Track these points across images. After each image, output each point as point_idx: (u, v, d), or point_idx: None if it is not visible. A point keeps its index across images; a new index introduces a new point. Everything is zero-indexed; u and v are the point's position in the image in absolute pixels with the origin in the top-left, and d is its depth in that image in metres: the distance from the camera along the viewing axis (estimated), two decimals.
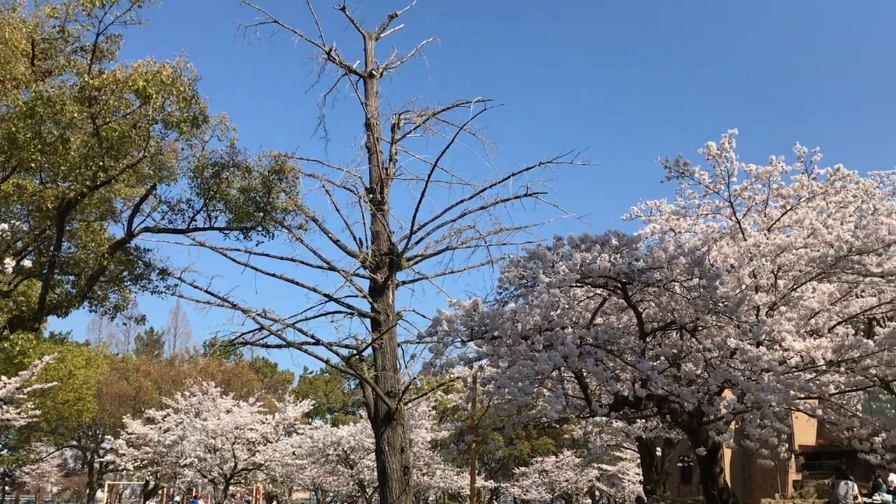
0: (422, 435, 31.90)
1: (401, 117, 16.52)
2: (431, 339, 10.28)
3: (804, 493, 31.66)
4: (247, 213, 13.78)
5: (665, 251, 9.73)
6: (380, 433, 14.74)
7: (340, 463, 33.83)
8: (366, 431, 30.26)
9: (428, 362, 10.26)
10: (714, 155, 13.69)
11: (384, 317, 15.19)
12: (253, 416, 33.14)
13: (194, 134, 12.99)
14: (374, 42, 17.31)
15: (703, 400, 10.48)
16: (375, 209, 15.53)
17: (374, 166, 16.10)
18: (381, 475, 14.61)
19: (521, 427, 15.00)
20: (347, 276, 15.08)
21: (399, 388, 15.06)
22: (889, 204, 15.41)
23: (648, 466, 27.07)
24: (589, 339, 10.06)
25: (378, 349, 15.05)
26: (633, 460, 38.17)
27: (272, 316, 14.62)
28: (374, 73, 16.88)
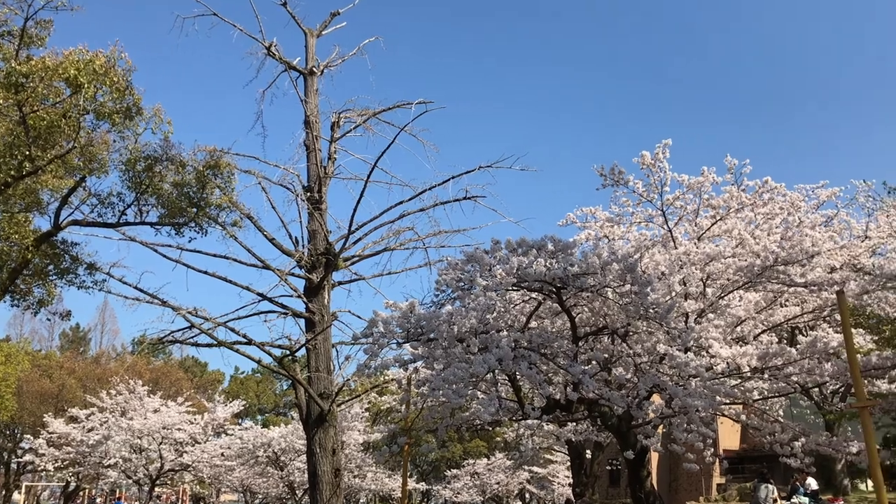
0: (354, 437, 31.71)
1: (341, 116, 16.41)
2: (367, 341, 10.24)
3: (727, 496, 32.56)
4: (180, 208, 13.48)
5: (599, 257, 9.89)
6: (311, 435, 14.59)
7: (270, 464, 33.36)
8: (297, 433, 29.92)
9: (363, 364, 10.21)
10: (648, 164, 14.00)
11: (319, 317, 15.05)
12: (181, 415, 32.44)
13: (127, 126, 12.64)
14: (316, 39, 17.16)
15: (633, 404, 10.67)
16: (313, 208, 15.38)
17: (313, 164, 15.94)
18: (312, 477, 14.46)
19: (455, 429, 15.04)
20: (282, 276, 14.89)
21: (332, 389, 14.93)
22: (813, 217, 16.00)
23: (578, 469, 27.44)
24: (523, 342, 10.16)
25: (312, 350, 14.90)
26: (564, 463, 38.67)
27: (203, 314, 14.33)
28: (314, 70, 16.72)
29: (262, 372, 65.13)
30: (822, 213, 17.53)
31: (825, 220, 17.49)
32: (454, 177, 14.45)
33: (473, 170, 14.34)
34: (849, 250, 15.13)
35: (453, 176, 14.46)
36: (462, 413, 14.91)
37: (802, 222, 15.14)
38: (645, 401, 11.02)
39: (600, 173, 14.45)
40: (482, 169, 14.38)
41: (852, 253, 15.05)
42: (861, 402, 7.57)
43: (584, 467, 27.45)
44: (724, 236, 14.40)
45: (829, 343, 11.31)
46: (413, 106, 15.17)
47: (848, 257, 14.86)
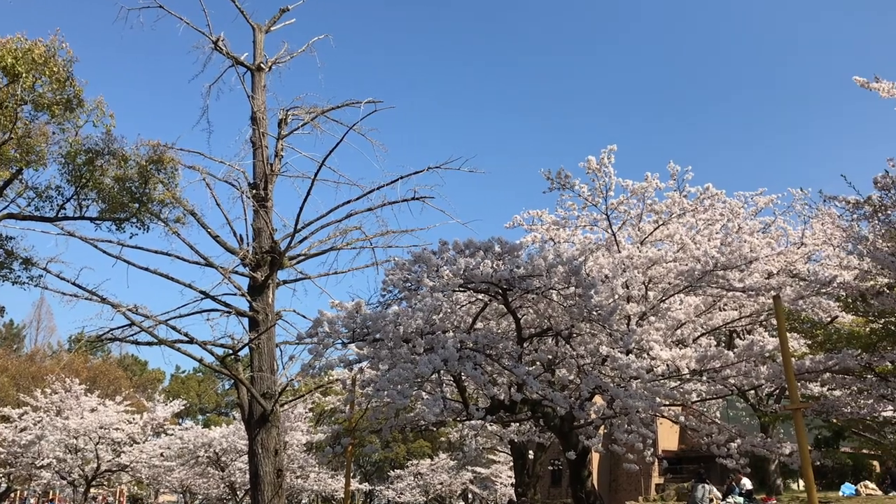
0: (297, 437, 31.42)
1: (289, 113, 16.25)
2: (311, 341, 10.16)
3: (665, 496, 33.18)
4: (121, 203, 13.18)
5: (545, 260, 10.00)
6: (253, 435, 14.41)
7: (211, 465, 32.83)
8: (239, 433, 29.50)
9: (307, 364, 10.15)
10: (594, 169, 14.19)
11: (263, 316, 14.87)
12: (119, 415, 31.69)
13: (67, 118, 12.32)
14: (264, 35, 16.96)
15: (575, 405, 10.81)
16: (258, 205, 15.19)
17: (259, 161, 15.75)
18: (254, 478, 14.28)
19: (399, 430, 15.02)
20: (226, 273, 14.67)
21: (275, 389, 14.77)
22: (752, 223, 16.42)
23: (520, 469, 27.66)
24: (469, 343, 10.21)
25: (255, 349, 14.72)
26: (506, 463, 38.93)
27: (144, 311, 14.03)
28: (262, 66, 16.53)
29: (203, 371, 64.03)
30: (760, 220, 18.01)
31: (763, 226, 17.97)
32: (403, 177, 14.44)
33: (422, 170, 14.36)
34: (785, 256, 15.56)
35: (402, 176, 14.45)
36: (407, 413, 14.91)
37: (741, 228, 15.53)
38: (587, 402, 11.17)
39: (547, 177, 14.61)
40: (431, 170, 14.41)
41: (788, 259, 15.49)
42: (794, 405, 7.80)
43: (527, 467, 27.67)
44: (667, 241, 14.69)
45: (765, 346, 11.62)
46: (362, 105, 15.10)
47: (784, 263, 15.29)
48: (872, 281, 13.79)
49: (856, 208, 12.59)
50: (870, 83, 11.90)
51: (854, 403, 14.55)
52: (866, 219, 12.82)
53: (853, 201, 12.59)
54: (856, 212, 12.75)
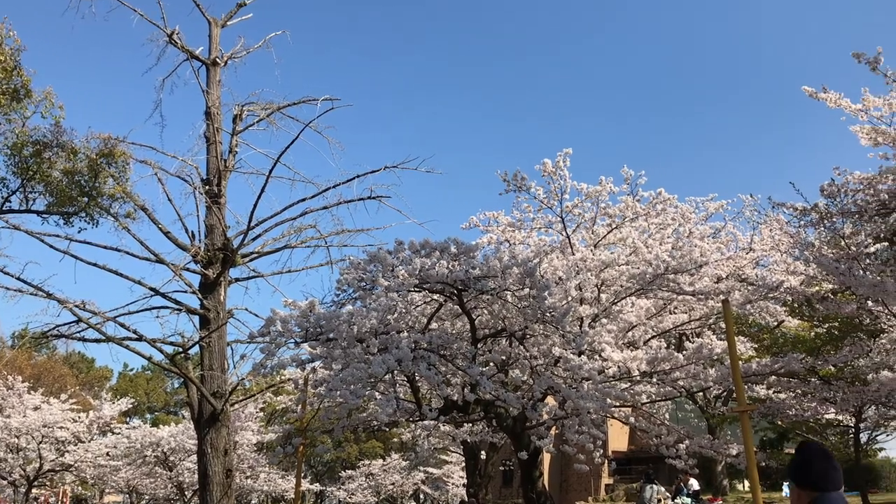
0: (248, 437, 31.04)
1: (244, 109, 16.03)
2: (263, 340, 10.05)
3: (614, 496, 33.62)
4: (69, 197, 12.85)
5: (500, 261, 10.05)
6: (203, 434, 14.19)
7: (159, 465, 32.26)
8: (188, 432, 29.04)
9: (258, 363, 10.01)
10: (549, 172, 14.31)
11: (214, 314, 14.65)
12: (64, 413, 30.91)
13: (14, 108, 11.96)
14: (220, 29, 16.71)
15: (528, 405, 10.87)
16: (211, 201, 14.96)
17: (213, 157, 15.50)
18: (203, 478, 14.06)
19: (351, 430, 14.94)
20: (177, 270, 14.41)
21: (226, 388, 14.57)
22: (702, 228, 16.73)
23: (472, 470, 27.72)
24: (423, 343, 10.20)
25: (206, 347, 14.48)
26: (458, 464, 39.00)
27: (92, 308, 13.70)
28: (217, 60, 16.28)
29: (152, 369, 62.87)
30: (710, 225, 18.36)
31: (713, 231, 18.32)
32: (359, 176, 14.35)
33: (379, 169, 14.28)
34: (734, 261, 15.88)
35: (358, 175, 14.36)
36: (359, 414, 14.84)
37: (692, 233, 15.82)
38: (539, 402, 11.25)
39: (504, 179, 14.68)
40: (388, 169, 14.34)
41: (737, 264, 15.80)
42: (741, 407, 7.95)
43: (479, 468, 27.75)
44: (619, 244, 14.87)
45: (714, 349, 11.82)
46: (319, 102, 14.98)
47: (733, 268, 15.60)
48: (818, 286, 14.15)
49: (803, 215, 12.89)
50: (818, 93, 12.20)
51: (798, 406, 14.93)
52: (813, 225, 13.13)
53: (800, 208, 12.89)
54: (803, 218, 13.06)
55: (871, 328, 13.19)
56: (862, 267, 11.38)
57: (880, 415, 15.63)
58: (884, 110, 11.75)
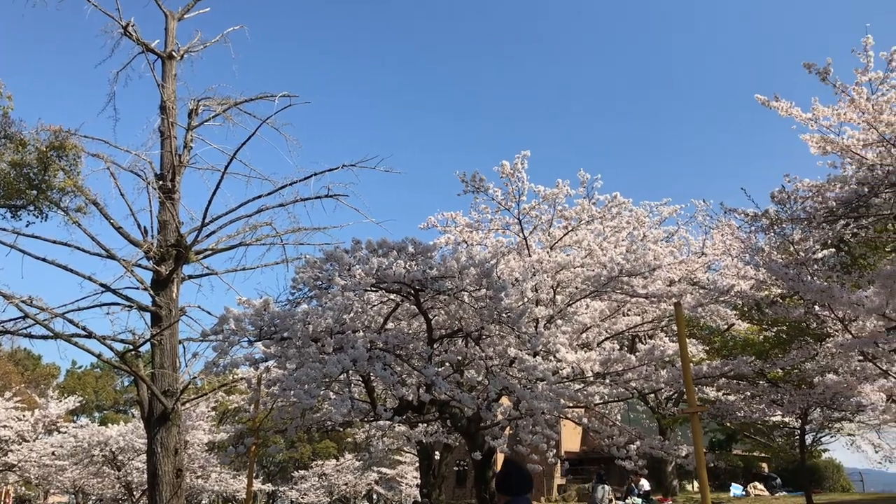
0: (199, 436, 30.57)
1: (200, 103, 15.80)
2: (216, 338, 9.89)
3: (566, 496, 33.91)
4: (18, 189, 12.54)
5: (457, 261, 10.05)
6: (153, 434, 13.95)
7: (107, 464, 31.58)
8: (138, 431, 28.51)
9: (211, 361, 9.85)
10: (507, 174, 14.37)
11: (166, 311, 14.41)
12: (8, 412, 30.11)
13: None
14: (177, 22, 16.46)
15: (482, 406, 10.90)
16: (165, 197, 14.70)
17: (167, 152, 15.25)
18: (152, 478, 13.82)
19: (304, 430, 14.81)
20: (128, 266, 14.14)
21: (177, 387, 14.34)
22: (656, 232, 16.97)
23: (426, 470, 27.71)
24: (379, 343, 10.17)
25: (157, 345, 14.24)
26: (412, 464, 38.96)
27: (40, 303, 13.36)
28: (173, 54, 16.02)
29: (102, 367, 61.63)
30: (664, 229, 18.66)
31: (667, 235, 18.62)
32: (317, 174, 14.23)
33: (337, 168, 14.18)
34: (687, 265, 16.13)
35: (316, 173, 14.24)
36: (313, 414, 14.72)
37: (646, 237, 16.04)
38: (494, 403, 11.28)
39: (462, 179, 14.71)
40: (346, 167, 14.25)
41: (690, 268, 16.06)
42: (692, 408, 8.08)
43: (433, 468, 27.74)
44: (575, 246, 15.01)
45: (666, 351, 12.00)
46: (277, 99, 14.82)
47: (686, 272, 15.85)
48: (767, 291, 14.46)
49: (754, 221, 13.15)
50: (770, 101, 12.46)
51: (747, 407, 15.23)
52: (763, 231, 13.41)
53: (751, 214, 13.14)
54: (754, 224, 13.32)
55: (817, 332, 13.51)
56: (810, 272, 11.66)
57: (825, 417, 16.04)
58: (833, 120, 12.05)
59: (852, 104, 11.70)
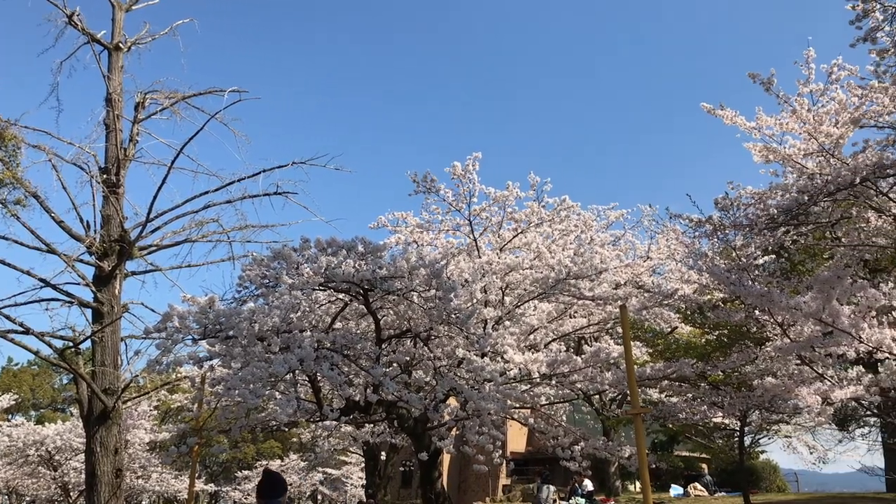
0: (140, 436, 29.95)
1: (147, 96, 15.48)
2: (159, 336, 9.71)
3: (511, 496, 34.12)
4: None
5: (407, 261, 10.05)
6: (92, 433, 13.62)
7: (43, 464, 30.74)
8: (76, 430, 27.82)
9: (154, 359, 9.65)
10: (459, 175, 14.44)
11: (108, 308, 14.09)
12: None
13: None
14: (125, 13, 16.10)
15: (430, 406, 10.91)
16: (108, 191, 14.37)
17: (112, 145, 14.90)
18: (90, 478, 13.49)
19: (249, 430, 14.63)
20: (69, 261, 13.78)
21: (119, 385, 14.02)
22: (603, 235, 17.21)
23: (372, 470, 27.65)
24: (327, 343, 10.10)
25: (98, 342, 13.91)
26: (358, 464, 38.79)
27: None
28: (120, 45, 15.68)
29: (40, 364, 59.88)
30: (611, 233, 18.92)
31: (613, 239, 18.88)
32: (266, 170, 14.06)
33: (286, 165, 14.04)
34: (632, 269, 16.40)
35: (265, 169, 14.07)
36: (258, 413, 14.56)
37: (593, 240, 16.25)
38: (441, 403, 11.31)
39: (413, 179, 14.72)
40: (295, 165, 14.11)
41: (635, 271, 16.33)
42: (635, 410, 8.21)
43: (379, 469, 27.70)
44: (524, 248, 15.14)
45: (611, 353, 12.16)
46: (226, 94, 14.61)
47: (631, 275, 16.10)
48: (709, 295, 14.78)
49: (698, 226, 13.42)
50: (715, 110, 12.74)
51: (688, 409, 15.51)
52: (707, 237, 13.69)
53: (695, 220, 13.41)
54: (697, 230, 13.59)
55: (757, 336, 13.84)
56: (751, 277, 11.95)
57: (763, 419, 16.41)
58: (775, 129, 12.38)
59: (794, 114, 12.04)
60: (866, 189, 11.17)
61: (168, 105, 15.53)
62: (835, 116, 11.85)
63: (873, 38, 9.15)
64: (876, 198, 11.54)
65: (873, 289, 7.47)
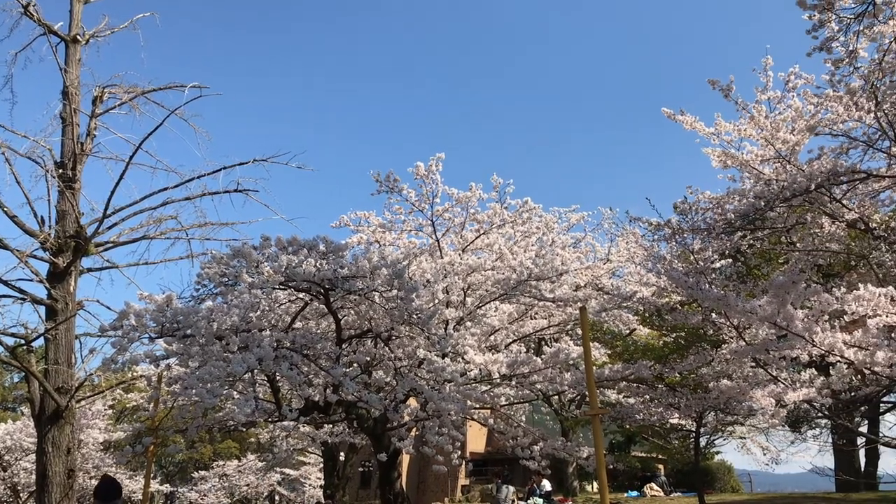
0: (94, 435, 29.40)
1: (105, 90, 15.19)
2: (115, 334, 9.55)
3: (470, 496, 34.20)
4: None
5: (369, 261, 10.01)
6: (44, 432, 13.32)
7: None
8: (27, 430, 27.19)
9: (109, 358, 9.48)
10: (422, 175, 14.44)
11: (62, 305, 13.79)
12: None
13: None
14: (83, 5, 15.78)
15: (390, 407, 10.89)
16: (64, 186, 14.08)
17: (69, 139, 14.60)
18: (41, 478, 13.20)
19: (206, 430, 14.46)
20: (22, 257, 13.46)
21: (72, 384, 13.75)
22: (564, 238, 17.34)
23: (331, 471, 27.49)
24: (286, 342, 10.02)
25: (51, 340, 13.61)
26: (316, 465, 38.54)
27: None
28: (78, 38, 15.37)
29: None
30: (571, 235, 19.08)
31: (574, 241, 19.04)
32: (226, 167, 13.89)
33: (247, 162, 13.88)
34: (592, 271, 16.55)
35: (225, 166, 13.90)
36: (215, 413, 14.40)
37: (555, 242, 16.37)
38: (401, 404, 11.29)
39: (376, 179, 14.68)
40: (257, 162, 13.96)
41: (595, 273, 16.48)
42: (594, 410, 8.29)
43: (337, 469, 27.55)
44: (486, 250, 15.19)
45: (570, 354, 12.26)
46: (187, 89, 14.40)
47: (591, 277, 16.25)
48: (667, 298, 14.97)
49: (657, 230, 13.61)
50: (675, 115, 12.92)
51: (646, 411, 15.70)
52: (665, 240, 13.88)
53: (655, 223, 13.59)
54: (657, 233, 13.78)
55: (714, 339, 14.07)
56: (708, 281, 12.15)
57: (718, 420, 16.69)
58: (733, 135, 12.61)
59: (752, 121, 12.27)
60: (821, 195, 11.44)
61: (127, 100, 15.26)
62: (791, 124, 12.11)
63: (829, 47, 9.35)
64: (830, 204, 11.82)
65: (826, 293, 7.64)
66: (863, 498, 16.94)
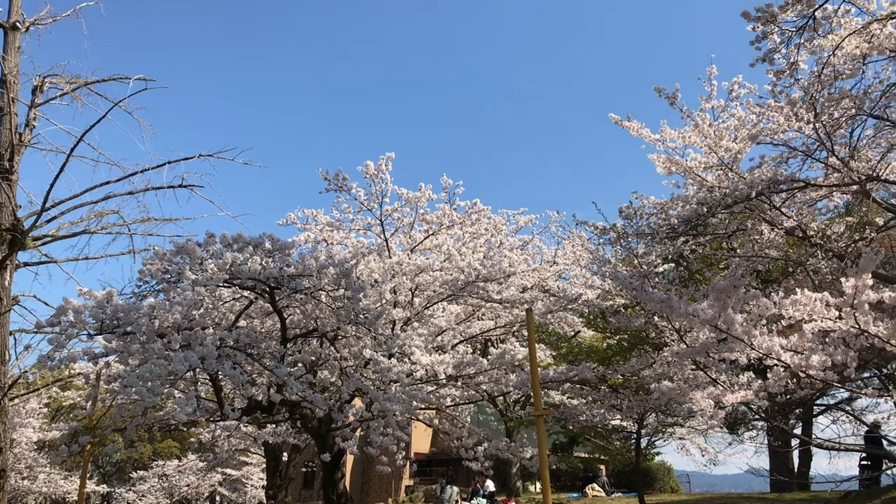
0: (27, 434, 28.54)
1: (46, 80, 14.78)
2: (52, 330, 9.29)
3: (414, 497, 34.16)
4: None
5: (316, 260, 9.93)
6: None
7: None
8: None
9: (45, 355, 9.22)
10: (371, 174, 14.38)
11: None
12: None
13: None
14: None
15: (335, 407, 10.82)
16: (1, 177, 13.68)
17: (6, 129, 14.17)
18: None
19: (146, 429, 14.16)
20: None
21: (6, 381, 13.35)
22: (512, 240, 17.45)
23: (273, 471, 27.16)
24: (230, 341, 9.87)
25: None
26: (259, 465, 38.07)
27: None
28: (18, 24, 14.92)
29: None
30: (519, 238, 19.21)
31: (522, 243, 19.17)
32: (171, 162, 13.65)
33: (193, 157, 13.66)
34: (539, 273, 16.69)
35: (170, 161, 13.66)
36: (156, 412, 14.12)
37: (503, 244, 16.48)
38: (346, 404, 11.22)
39: (325, 177, 14.57)
40: (202, 157, 13.75)
41: (542, 276, 16.62)
42: (538, 411, 8.36)
43: (280, 469, 27.24)
44: (435, 250, 15.21)
45: (516, 356, 12.34)
46: (131, 81, 14.10)
47: (538, 279, 16.39)
48: (612, 301, 15.20)
49: (602, 234, 13.79)
50: (622, 121, 13.12)
51: (589, 412, 15.90)
52: (611, 244, 14.08)
53: (601, 227, 13.77)
54: (602, 237, 13.97)
55: (656, 341, 14.32)
56: (651, 284, 12.36)
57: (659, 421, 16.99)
58: (678, 142, 12.86)
59: (696, 128, 12.53)
60: (761, 203, 11.74)
61: (69, 90, 14.87)
62: (734, 132, 12.41)
63: (771, 58, 9.61)
64: (770, 211, 12.14)
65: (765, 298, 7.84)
66: (795, 498, 17.43)
